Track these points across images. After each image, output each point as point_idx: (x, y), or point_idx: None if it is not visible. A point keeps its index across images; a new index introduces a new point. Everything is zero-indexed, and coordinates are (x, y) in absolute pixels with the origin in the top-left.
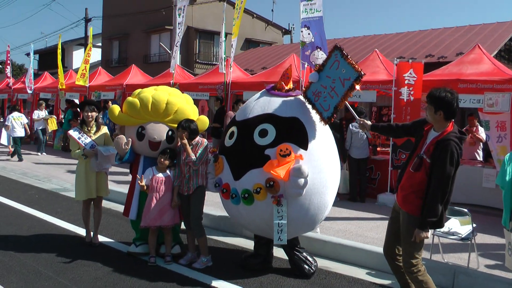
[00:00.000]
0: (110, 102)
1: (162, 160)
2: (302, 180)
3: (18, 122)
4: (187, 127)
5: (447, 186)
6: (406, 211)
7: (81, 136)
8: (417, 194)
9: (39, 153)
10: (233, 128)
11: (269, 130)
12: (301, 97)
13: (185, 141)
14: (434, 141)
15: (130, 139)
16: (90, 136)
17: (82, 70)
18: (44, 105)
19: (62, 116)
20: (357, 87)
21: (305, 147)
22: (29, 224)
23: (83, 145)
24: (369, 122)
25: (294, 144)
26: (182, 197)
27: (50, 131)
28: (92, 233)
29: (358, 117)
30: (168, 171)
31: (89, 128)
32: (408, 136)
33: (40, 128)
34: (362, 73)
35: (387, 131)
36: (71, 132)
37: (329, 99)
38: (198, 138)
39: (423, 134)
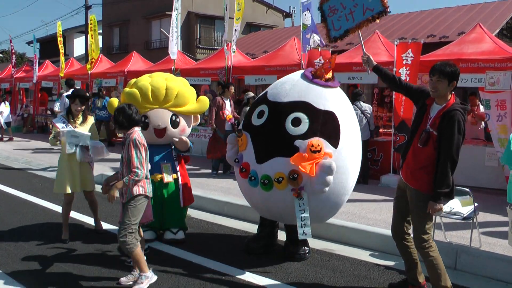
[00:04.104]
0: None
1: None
2: (330, 178)
3: None
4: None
5: (457, 155)
6: (414, 188)
7: (65, 126)
8: (425, 170)
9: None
10: (263, 107)
11: (302, 120)
12: (340, 90)
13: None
14: (440, 113)
15: None
16: (75, 127)
17: (91, 59)
18: None
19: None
20: (377, 20)
21: (335, 145)
22: (33, 213)
23: (61, 130)
24: (374, 62)
25: (326, 140)
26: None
27: None
28: (94, 224)
29: (365, 52)
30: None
31: (75, 119)
32: (407, 96)
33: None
34: (388, 10)
35: (389, 80)
36: (55, 120)
37: (343, 21)
38: (134, 129)
39: (426, 108)
